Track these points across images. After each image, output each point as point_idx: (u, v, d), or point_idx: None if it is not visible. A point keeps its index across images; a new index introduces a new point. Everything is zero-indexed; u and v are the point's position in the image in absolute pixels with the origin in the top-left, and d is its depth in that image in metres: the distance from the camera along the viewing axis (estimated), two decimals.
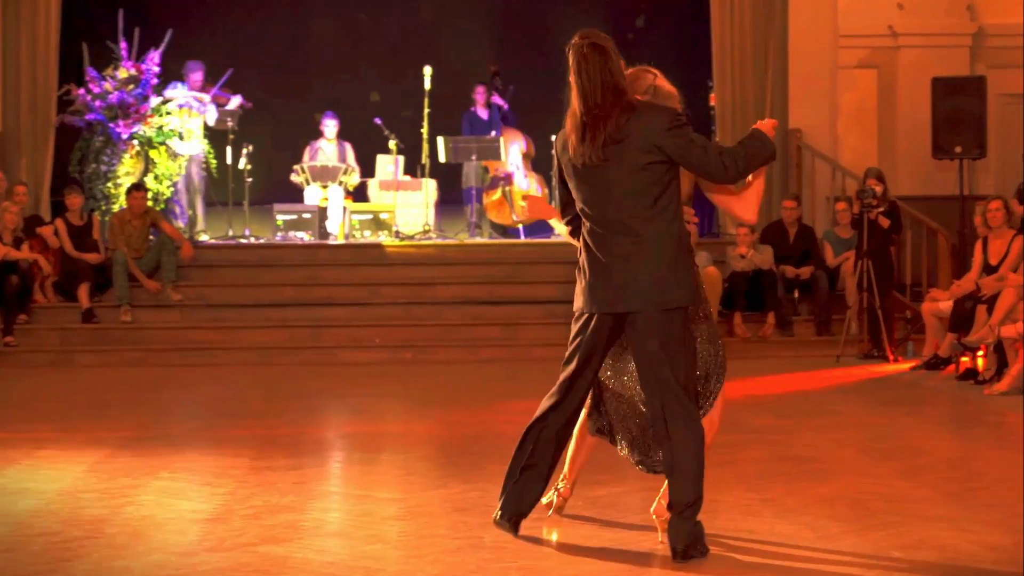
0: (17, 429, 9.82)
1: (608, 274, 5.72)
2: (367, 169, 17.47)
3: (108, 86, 15.60)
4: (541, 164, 17.07)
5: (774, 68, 16.42)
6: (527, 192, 16.84)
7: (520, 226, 17.04)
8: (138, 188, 15.11)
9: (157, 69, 15.82)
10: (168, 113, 15.73)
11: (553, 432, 6.02)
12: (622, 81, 5.71)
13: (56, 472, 8.00)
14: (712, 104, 16.77)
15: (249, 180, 16.60)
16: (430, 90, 16.87)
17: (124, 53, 15.79)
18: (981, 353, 12.01)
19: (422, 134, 16.92)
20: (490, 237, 17.08)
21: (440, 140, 16.89)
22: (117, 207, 15.44)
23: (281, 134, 18.17)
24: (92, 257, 14.90)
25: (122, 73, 15.69)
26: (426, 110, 16.89)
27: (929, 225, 14.98)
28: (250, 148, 16.61)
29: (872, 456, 8.43)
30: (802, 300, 15.02)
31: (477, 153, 16.82)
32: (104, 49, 15.86)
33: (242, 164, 16.56)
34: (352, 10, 19.40)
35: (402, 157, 17.27)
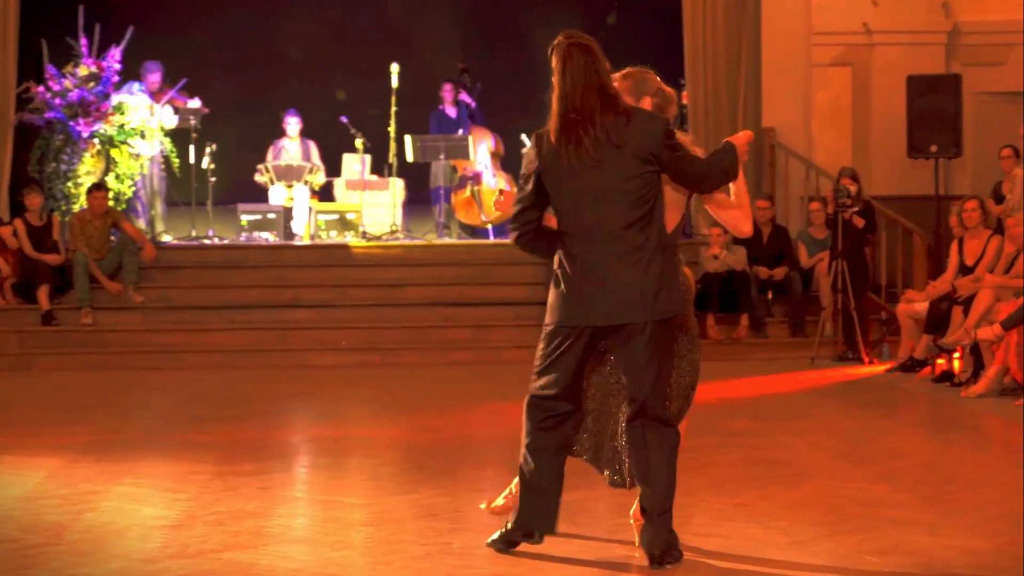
0: None
1: (596, 284, 5.60)
2: (333, 168, 17.43)
3: (68, 84, 15.51)
4: (510, 163, 17.00)
5: (747, 66, 16.43)
6: (499, 190, 16.71)
7: (489, 226, 16.98)
8: (99, 188, 15.02)
9: (118, 66, 15.73)
10: (129, 110, 15.62)
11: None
12: (609, 82, 5.63)
13: (15, 478, 7.96)
14: (684, 103, 16.70)
15: (212, 179, 16.51)
16: (397, 88, 16.82)
17: (84, 50, 15.70)
18: (957, 355, 12.05)
19: (389, 133, 16.87)
20: (459, 238, 17.01)
21: (408, 139, 16.82)
22: (77, 207, 15.35)
23: (245, 133, 18.19)
24: (52, 258, 14.78)
25: (82, 70, 15.60)
26: (393, 108, 16.84)
27: (904, 225, 15.02)
28: (213, 147, 16.51)
29: (847, 460, 8.45)
30: (776, 301, 15.00)
31: (445, 152, 16.80)
32: (64, 46, 15.75)
33: (205, 163, 16.48)
34: (318, 7, 19.32)
35: (369, 156, 17.22)
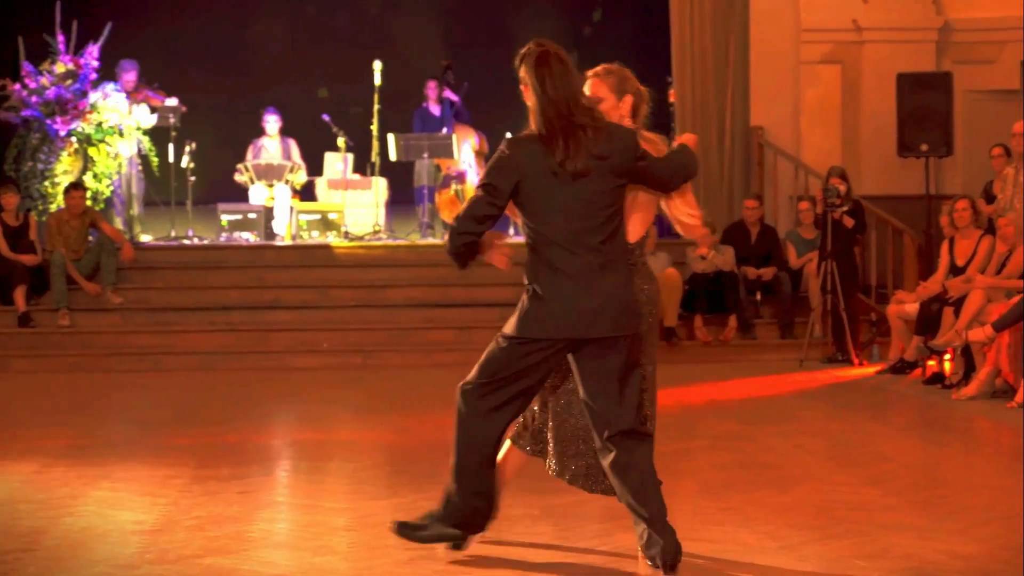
0: None
1: (582, 296, 5.58)
2: (315, 167, 17.40)
3: (45, 81, 15.43)
4: None
5: (735, 63, 16.36)
6: None
7: None
8: (76, 187, 14.97)
9: (96, 64, 15.67)
10: (106, 110, 15.55)
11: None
12: (586, 95, 5.72)
13: None
14: (672, 101, 16.76)
15: (192, 179, 16.47)
16: (380, 85, 16.81)
17: (62, 47, 15.65)
18: (948, 357, 12.10)
19: (372, 131, 16.85)
20: (443, 238, 16.83)
21: (391, 137, 16.78)
22: (55, 207, 15.29)
23: (225, 131, 18.26)
24: (28, 259, 14.67)
25: (59, 68, 15.54)
26: (376, 106, 16.83)
27: (894, 225, 14.98)
28: (193, 146, 16.47)
29: (836, 463, 8.47)
30: (764, 302, 14.96)
31: (429, 151, 16.78)
32: (41, 43, 15.68)
33: (185, 162, 16.46)
34: (299, 3, 19.24)
35: (351, 155, 17.20)
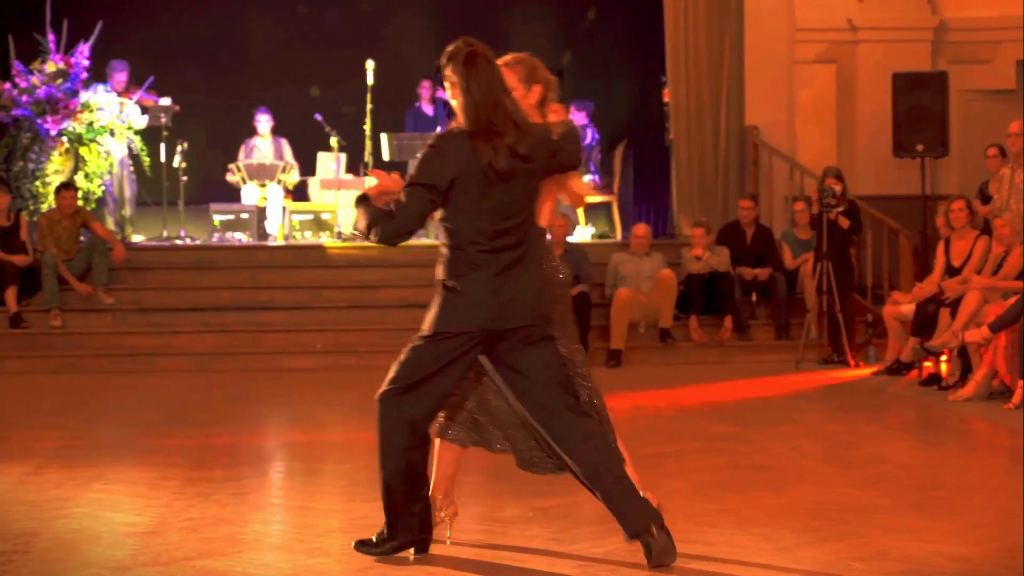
0: None
1: (501, 290, 5.77)
2: (307, 167, 17.37)
3: (35, 80, 15.47)
4: None
5: (730, 63, 16.34)
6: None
7: None
8: (68, 187, 14.96)
9: (87, 63, 15.71)
10: (99, 108, 15.58)
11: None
12: (511, 94, 5.83)
13: None
14: (666, 100, 16.70)
15: (184, 179, 16.48)
16: (373, 85, 16.80)
17: (52, 46, 15.68)
18: (944, 358, 12.07)
19: (365, 131, 16.84)
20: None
21: (384, 137, 16.78)
22: (46, 207, 15.30)
23: (217, 131, 18.18)
24: (19, 259, 14.63)
25: (50, 67, 15.57)
26: (369, 106, 16.82)
27: (890, 225, 14.97)
28: (185, 146, 16.47)
29: (832, 464, 8.45)
30: (760, 303, 14.95)
31: (422, 150, 16.48)
32: (31, 42, 15.70)
33: (176, 162, 16.46)
34: (291, 2, 19.22)
35: (344, 155, 17.15)
